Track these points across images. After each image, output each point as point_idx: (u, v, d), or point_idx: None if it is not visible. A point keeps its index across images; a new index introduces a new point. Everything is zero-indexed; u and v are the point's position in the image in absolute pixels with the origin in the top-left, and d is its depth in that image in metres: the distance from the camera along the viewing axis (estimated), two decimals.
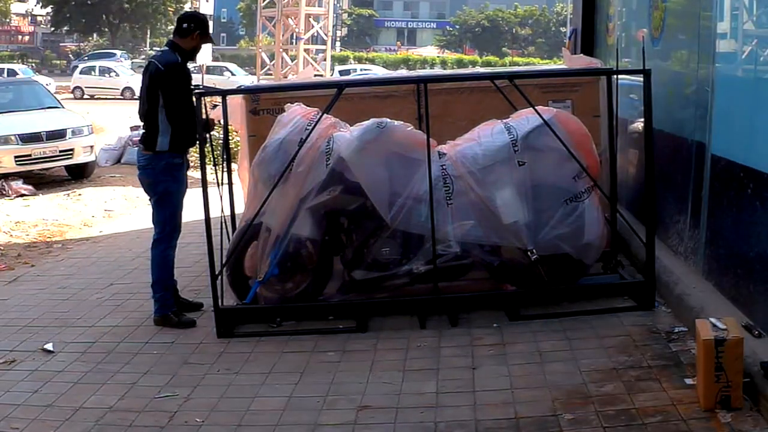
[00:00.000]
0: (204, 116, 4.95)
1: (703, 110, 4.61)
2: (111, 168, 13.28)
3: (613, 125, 5.26)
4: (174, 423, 3.76)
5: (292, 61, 24.32)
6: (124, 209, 10.05)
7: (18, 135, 11.43)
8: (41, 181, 11.91)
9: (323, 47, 26.13)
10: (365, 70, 32.24)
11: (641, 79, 4.79)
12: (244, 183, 6.18)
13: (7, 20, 59.19)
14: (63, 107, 13.24)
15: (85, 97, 31.91)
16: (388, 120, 5.01)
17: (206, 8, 71.76)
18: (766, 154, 3.80)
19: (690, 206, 4.80)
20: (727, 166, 4.24)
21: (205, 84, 20.82)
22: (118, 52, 47.80)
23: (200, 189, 4.89)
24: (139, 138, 5.24)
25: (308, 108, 5.14)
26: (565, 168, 4.84)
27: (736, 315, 3.86)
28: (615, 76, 5.37)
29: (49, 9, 54.31)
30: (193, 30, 5.03)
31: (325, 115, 4.93)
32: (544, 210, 4.84)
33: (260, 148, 5.15)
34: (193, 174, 6.62)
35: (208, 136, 5.06)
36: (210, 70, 27.41)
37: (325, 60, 25.34)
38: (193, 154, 7.29)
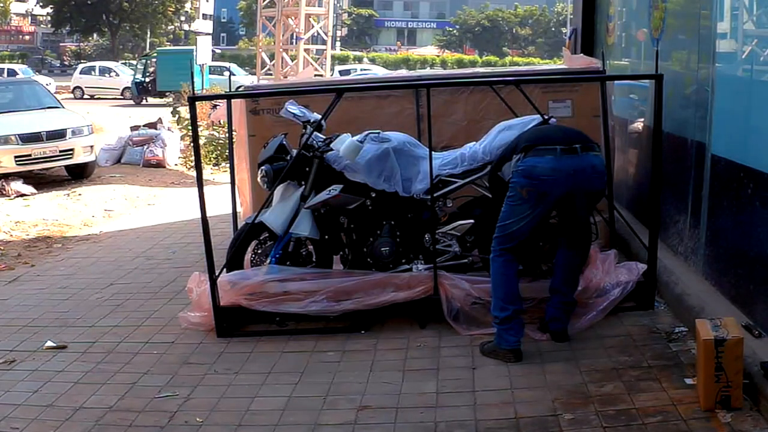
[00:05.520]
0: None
1: (703, 110, 4.61)
2: (111, 168, 13.28)
3: (609, 126, 5.28)
4: (174, 423, 3.76)
5: (292, 61, 24.33)
6: (124, 209, 10.05)
7: (18, 135, 11.42)
8: (41, 181, 11.90)
9: (323, 47, 26.14)
10: (365, 70, 32.23)
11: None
12: (243, 184, 6.18)
13: (8, 20, 59.20)
14: (63, 107, 13.24)
15: (85, 97, 31.93)
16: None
17: (206, 8, 72.04)
18: (766, 154, 3.80)
19: (690, 206, 4.80)
20: (727, 166, 4.24)
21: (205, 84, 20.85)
22: None
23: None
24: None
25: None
26: None
27: (736, 315, 3.86)
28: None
29: (49, 9, 54.32)
30: None
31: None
32: None
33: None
34: (191, 173, 6.62)
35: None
36: (210, 70, 27.41)
37: (324, 61, 25.34)
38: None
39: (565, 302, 4.36)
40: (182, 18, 62.08)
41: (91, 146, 12.35)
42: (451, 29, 67.56)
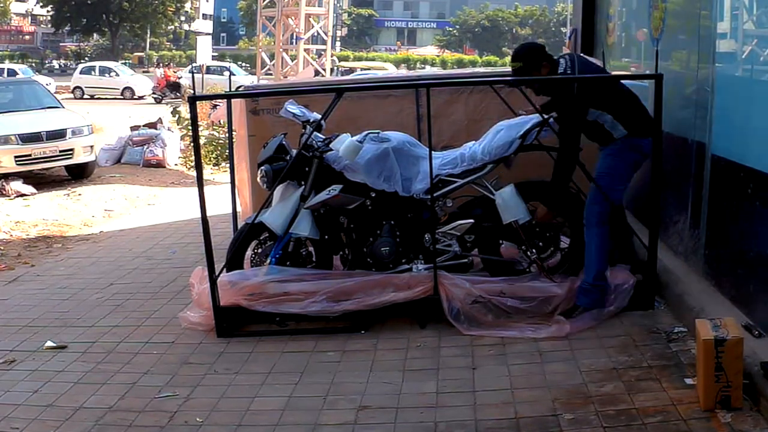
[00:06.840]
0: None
1: (703, 110, 4.61)
2: (111, 168, 13.29)
3: None
4: (174, 423, 3.76)
5: (292, 60, 24.35)
6: (124, 209, 10.05)
7: (18, 135, 11.43)
8: (41, 181, 11.91)
9: (323, 47, 26.15)
10: (365, 69, 32.16)
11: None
12: (243, 184, 6.18)
13: (8, 20, 59.23)
14: (63, 107, 13.24)
15: (85, 97, 31.95)
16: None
17: (206, 8, 72.07)
18: (766, 154, 3.80)
19: (690, 206, 4.80)
20: (727, 166, 4.24)
21: (205, 84, 20.88)
22: None
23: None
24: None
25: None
26: None
27: (736, 315, 3.86)
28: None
29: (49, 9, 54.35)
30: None
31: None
32: None
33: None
34: (191, 173, 6.61)
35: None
36: (210, 70, 27.42)
37: (324, 61, 25.36)
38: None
39: None
40: (182, 18, 62.12)
41: (91, 146, 12.36)
42: (451, 29, 67.61)
